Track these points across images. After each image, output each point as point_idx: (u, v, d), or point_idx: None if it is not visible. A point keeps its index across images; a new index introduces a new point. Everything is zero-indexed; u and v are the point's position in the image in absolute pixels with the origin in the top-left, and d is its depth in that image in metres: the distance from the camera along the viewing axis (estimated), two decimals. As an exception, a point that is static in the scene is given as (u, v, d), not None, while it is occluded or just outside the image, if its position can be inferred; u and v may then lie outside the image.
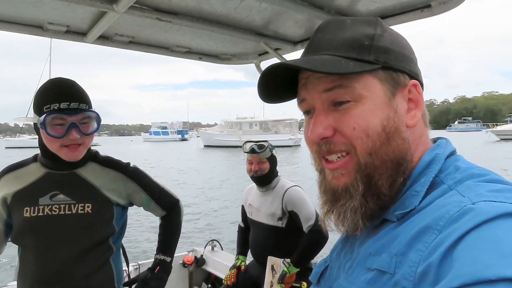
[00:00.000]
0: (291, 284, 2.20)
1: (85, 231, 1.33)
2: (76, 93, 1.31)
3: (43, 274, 1.30)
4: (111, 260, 1.41)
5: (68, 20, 1.57)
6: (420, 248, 0.47)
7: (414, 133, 0.60)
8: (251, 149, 2.40)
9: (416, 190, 0.56)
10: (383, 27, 0.61)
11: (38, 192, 1.34)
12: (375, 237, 0.57)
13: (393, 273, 0.49)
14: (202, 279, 3.21)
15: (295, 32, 1.78)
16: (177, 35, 1.77)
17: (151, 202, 1.55)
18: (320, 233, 2.24)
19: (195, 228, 8.53)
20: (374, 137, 0.56)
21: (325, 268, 0.71)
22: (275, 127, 49.66)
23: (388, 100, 0.57)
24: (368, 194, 0.57)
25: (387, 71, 0.57)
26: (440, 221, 0.48)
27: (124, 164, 1.51)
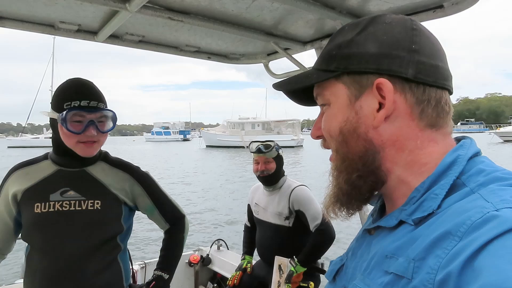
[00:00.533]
0: (298, 284, 2.20)
1: (94, 227, 1.35)
2: (95, 92, 1.36)
3: (52, 270, 1.31)
4: (119, 258, 1.43)
5: (79, 19, 1.58)
6: (440, 255, 0.46)
7: (382, 133, 0.57)
8: (257, 149, 2.40)
9: (435, 193, 0.53)
10: (366, 27, 0.60)
11: (49, 188, 1.36)
12: (392, 238, 0.56)
13: (411, 278, 0.48)
14: (208, 279, 3.21)
15: (305, 32, 1.78)
16: (188, 34, 1.77)
17: (155, 210, 1.55)
18: (327, 232, 2.25)
19: (201, 227, 8.53)
20: (335, 137, 0.62)
21: (341, 266, 0.70)
22: (278, 127, 49.64)
23: (349, 102, 0.59)
24: (345, 186, 0.61)
25: (351, 76, 0.59)
26: (461, 227, 0.46)
27: (133, 167, 1.53)
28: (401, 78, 0.56)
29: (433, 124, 0.57)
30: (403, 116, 0.57)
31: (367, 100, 0.58)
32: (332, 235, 2.26)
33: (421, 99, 0.57)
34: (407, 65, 0.56)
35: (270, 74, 2.23)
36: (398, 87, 0.56)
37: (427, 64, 0.56)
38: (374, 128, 0.58)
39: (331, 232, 2.26)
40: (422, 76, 0.56)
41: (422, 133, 0.57)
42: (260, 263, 2.56)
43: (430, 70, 0.56)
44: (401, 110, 0.57)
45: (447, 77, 0.59)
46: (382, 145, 0.58)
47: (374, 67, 0.57)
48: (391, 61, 0.56)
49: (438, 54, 0.58)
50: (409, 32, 0.57)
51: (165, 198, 1.60)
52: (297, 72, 2.05)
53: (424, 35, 0.58)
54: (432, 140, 0.57)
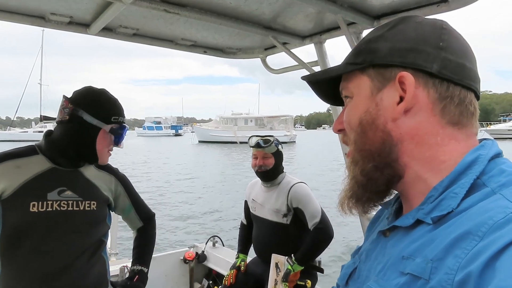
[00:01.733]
0: (295, 283, 2.18)
1: (91, 227, 1.41)
2: (121, 108, 1.50)
3: (46, 270, 1.29)
4: (103, 254, 1.49)
5: (71, 10, 1.52)
6: (459, 255, 0.45)
7: (401, 125, 0.57)
8: (256, 144, 2.36)
9: (455, 192, 0.52)
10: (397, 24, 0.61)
11: (45, 186, 1.33)
12: (409, 239, 0.55)
13: (428, 279, 0.47)
14: (203, 275, 3.18)
15: (305, 26, 1.74)
16: (183, 27, 1.72)
17: (132, 210, 1.65)
18: (325, 231, 2.22)
19: (196, 224, 8.49)
20: (354, 128, 0.62)
21: (354, 269, 0.68)
22: (270, 123, 49.71)
23: (371, 94, 0.60)
24: (360, 178, 0.60)
25: (376, 68, 0.60)
26: (482, 227, 0.45)
27: (114, 169, 1.61)
28: (425, 73, 0.56)
29: (455, 122, 0.56)
30: (425, 111, 0.56)
31: (389, 92, 0.58)
32: (331, 234, 2.24)
33: (444, 96, 0.56)
34: (432, 60, 0.55)
35: (267, 69, 2.19)
36: (421, 82, 0.56)
37: (453, 62, 0.56)
38: (393, 121, 0.57)
39: (330, 231, 2.24)
40: (447, 72, 0.55)
41: (444, 130, 0.56)
42: (256, 260, 2.53)
43: (456, 68, 0.56)
44: (422, 104, 0.56)
45: (474, 78, 0.58)
46: (401, 138, 0.57)
47: (399, 60, 0.57)
48: (417, 56, 0.56)
49: (466, 55, 0.58)
50: (438, 30, 0.58)
51: (139, 198, 1.70)
52: (296, 68, 2.02)
53: (453, 35, 0.58)
54: (454, 138, 0.56)
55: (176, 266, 3.08)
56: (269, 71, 2.20)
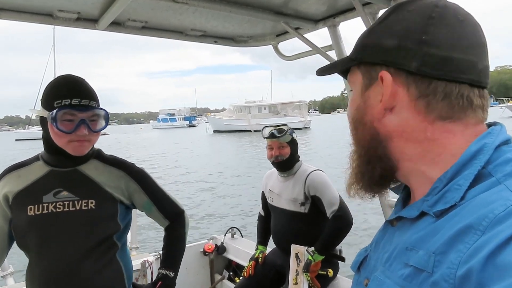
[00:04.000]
0: (317, 272, 2.15)
1: (90, 227, 1.33)
2: (87, 90, 1.31)
3: (50, 273, 1.29)
4: (117, 256, 1.41)
5: (78, 6, 1.50)
6: (461, 249, 0.44)
7: (388, 123, 0.58)
8: (270, 134, 2.31)
9: (459, 184, 0.51)
10: (389, 15, 0.60)
11: (42, 190, 1.34)
12: (414, 230, 0.54)
13: (431, 272, 0.47)
14: (223, 267, 3.19)
15: (317, 10, 1.68)
16: (193, 17, 1.68)
17: (152, 207, 1.52)
18: (344, 218, 2.18)
19: (214, 216, 8.54)
20: (350, 122, 0.65)
21: (365, 257, 0.69)
22: (284, 110, 49.43)
23: (361, 91, 0.62)
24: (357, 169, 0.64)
25: (365, 66, 0.61)
26: (483, 220, 0.44)
27: (128, 164, 1.50)
28: (405, 70, 0.56)
29: (445, 116, 0.55)
30: (408, 109, 0.56)
31: (375, 91, 0.59)
32: (350, 221, 2.19)
33: (425, 93, 0.55)
34: (412, 57, 0.54)
35: (280, 56, 2.13)
36: (401, 80, 0.56)
37: (436, 57, 0.54)
38: (379, 119, 0.59)
39: (349, 217, 2.19)
40: (427, 69, 0.54)
41: (433, 125, 0.55)
42: (276, 251, 2.51)
43: (439, 63, 0.53)
44: (404, 102, 0.56)
45: (466, 69, 0.54)
46: (389, 135, 0.59)
47: (381, 59, 0.58)
48: (397, 53, 0.56)
49: (458, 44, 0.54)
50: (425, 21, 0.55)
51: (162, 194, 1.56)
52: (309, 53, 1.96)
53: (443, 23, 0.54)
54: (447, 131, 0.55)
55: (196, 259, 3.10)
56: (281, 58, 2.14)
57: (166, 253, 1.57)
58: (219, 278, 3.11)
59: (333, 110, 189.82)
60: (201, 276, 3.12)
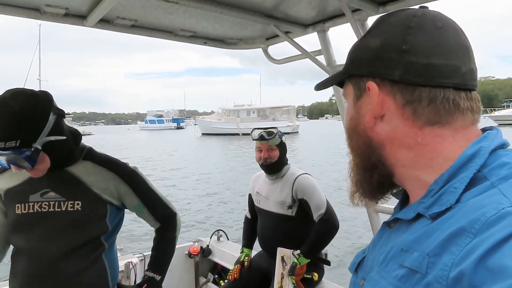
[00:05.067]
0: (302, 276, 2.15)
1: (74, 228, 1.33)
2: (2, 132, 1.14)
3: (33, 271, 1.30)
4: (103, 256, 1.41)
5: (67, 1, 1.47)
6: (454, 252, 0.45)
7: (380, 132, 0.60)
8: (260, 136, 2.31)
9: (454, 187, 0.52)
10: (372, 29, 0.63)
11: (30, 189, 1.35)
12: (409, 232, 0.56)
13: (425, 273, 0.48)
14: (208, 269, 3.17)
15: (307, 14, 1.69)
16: (183, 18, 1.67)
17: (143, 209, 1.49)
18: (330, 222, 2.19)
19: (199, 218, 8.48)
20: (346, 133, 0.68)
21: (363, 258, 0.70)
22: (273, 114, 49.59)
23: (353, 103, 0.65)
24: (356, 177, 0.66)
25: (354, 78, 0.64)
26: (475, 224, 0.45)
27: (119, 164, 1.46)
28: (390, 80, 0.58)
29: (433, 121, 0.56)
30: (396, 116, 0.58)
31: (365, 101, 0.62)
32: (336, 224, 2.21)
33: (410, 100, 0.57)
34: (395, 66, 0.57)
35: (269, 59, 2.14)
36: (387, 89, 0.58)
37: (417, 64, 0.55)
38: (370, 128, 0.61)
39: (335, 221, 2.20)
40: (410, 77, 0.56)
41: (422, 130, 0.57)
42: (261, 253, 2.50)
43: (421, 70, 0.55)
44: (392, 110, 0.58)
45: (448, 73, 0.55)
46: (382, 143, 0.61)
47: (367, 71, 0.61)
48: (380, 64, 0.58)
49: (438, 51, 0.56)
50: (404, 31, 0.57)
51: (154, 195, 1.53)
52: (299, 57, 1.97)
53: (421, 32, 0.56)
54: (437, 136, 0.57)
55: (181, 261, 3.07)
56: (271, 62, 2.14)
57: (154, 255, 1.54)
58: (204, 281, 3.08)
59: (321, 115, 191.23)
60: (186, 279, 3.09)
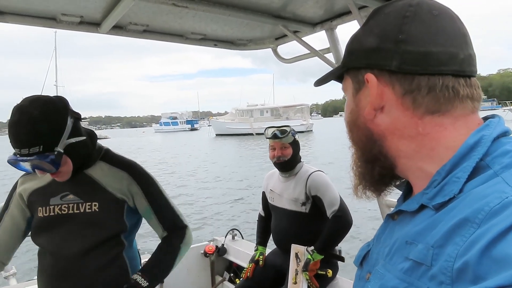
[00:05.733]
0: (316, 272, 2.17)
1: (93, 228, 1.37)
2: (25, 138, 1.20)
3: (55, 269, 1.37)
4: (124, 254, 1.44)
5: (81, 10, 1.53)
6: (458, 242, 0.45)
7: (380, 123, 0.60)
8: (273, 135, 2.34)
9: (457, 176, 0.51)
10: (368, 20, 0.63)
11: (51, 193, 1.40)
12: (413, 224, 0.55)
13: (430, 265, 0.47)
14: (224, 268, 3.21)
15: (315, 13, 1.71)
16: (193, 21, 1.71)
17: (152, 214, 1.46)
18: (344, 218, 2.20)
19: (214, 217, 8.56)
20: (346, 126, 0.68)
21: (368, 251, 0.70)
22: (286, 113, 49.47)
23: (352, 96, 0.64)
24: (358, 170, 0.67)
25: (353, 71, 0.63)
26: (479, 213, 0.44)
27: (132, 165, 1.47)
28: (388, 70, 0.58)
29: (433, 110, 0.56)
30: (396, 107, 0.58)
31: (364, 93, 0.62)
32: (350, 221, 2.22)
33: (409, 89, 0.57)
34: (391, 57, 0.57)
35: (279, 59, 2.16)
36: (385, 80, 0.58)
37: (414, 53, 0.55)
38: (371, 120, 0.61)
39: (348, 218, 2.22)
40: (407, 66, 0.56)
41: (422, 120, 0.57)
42: (276, 251, 2.53)
43: (418, 59, 0.55)
44: (392, 101, 0.58)
45: (446, 61, 0.55)
46: (383, 135, 0.60)
47: (365, 63, 0.60)
48: (377, 55, 0.58)
49: (434, 38, 0.55)
50: (400, 20, 0.57)
51: (165, 202, 1.48)
52: (308, 56, 1.99)
53: (417, 20, 0.56)
54: (437, 125, 0.56)
55: (197, 260, 3.12)
56: (280, 61, 2.17)
57: (151, 260, 1.43)
58: (220, 280, 3.13)
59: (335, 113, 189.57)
60: (202, 278, 3.14)
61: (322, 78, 0.73)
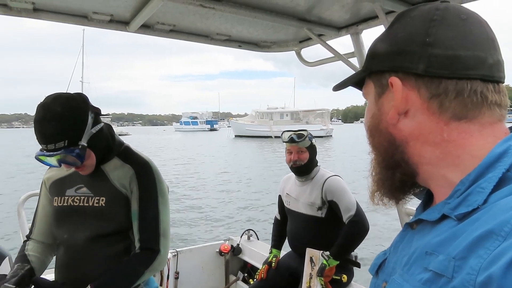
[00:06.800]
0: (331, 277, 2.15)
1: (99, 222, 1.39)
2: (50, 133, 1.25)
3: (65, 261, 1.42)
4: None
5: (112, 9, 1.58)
6: (481, 255, 0.43)
7: (403, 128, 0.59)
8: (290, 139, 2.34)
9: (482, 187, 0.49)
10: (393, 24, 0.62)
11: (67, 184, 1.46)
12: (434, 233, 0.53)
13: (451, 277, 0.46)
14: (238, 268, 3.22)
15: (340, 17, 1.71)
16: (219, 22, 1.74)
17: (136, 220, 1.40)
18: (360, 224, 2.18)
19: (230, 217, 8.60)
20: (367, 131, 0.66)
21: (384, 260, 0.68)
22: (306, 117, 49.30)
23: (374, 100, 0.63)
24: (377, 176, 0.65)
25: (375, 75, 0.62)
26: (505, 226, 0.42)
27: (142, 163, 1.46)
28: (414, 74, 0.56)
29: (460, 116, 0.54)
30: (421, 111, 0.56)
31: (387, 97, 0.60)
32: (366, 227, 2.19)
33: (436, 93, 0.55)
34: (418, 60, 0.55)
35: (302, 62, 2.17)
36: (411, 83, 0.57)
37: (442, 56, 0.54)
38: (393, 125, 0.59)
39: (365, 224, 2.19)
40: (435, 69, 0.54)
41: (448, 126, 0.55)
42: (291, 254, 2.52)
43: (446, 62, 0.54)
44: (417, 105, 0.57)
45: (474, 65, 0.53)
46: (405, 140, 0.59)
47: (389, 66, 0.59)
48: (403, 58, 0.57)
49: (462, 42, 0.54)
50: (427, 24, 0.56)
51: (154, 215, 1.41)
52: (332, 60, 1.98)
53: (445, 24, 0.55)
54: (464, 131, 0.54)
55: (212, 258, 3.14)
56: (304, 64, 2.17)
57: (110, 275, 1.33)
58: (234, 279, 3.14)
59: (356, 119, 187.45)
60: (216, 276, 3.16)
61: (342, 83, 0.72)
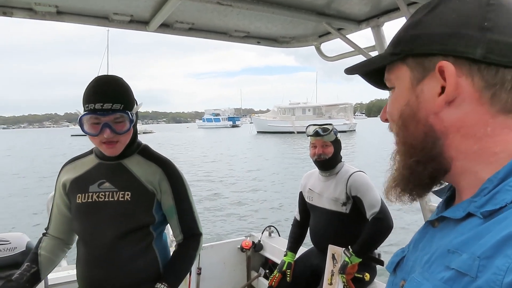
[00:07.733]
0: (353, 275, 2.12)
1: (124, 217, 1.41)
2: (111, 93, 1.33)
3: (89, 257, 1.43)
4: (154, 245, 1.47)
5: (131, 9, 1.60)
6: (509, 255, 0.41)
7: (445, 118, 0.54)
8: (315, 132, 2.32)
9: (511, 185, 0.48)
10: (437, 6, 0.55)
11: (89, 180, 1.46)
12: (457, 232, 0.51)
13: (475, 277, 0.44)
14: (259, 264, 3.23)
15: (360, 10, 1.67)
16: (237, 19, 1.74)
17: (174, 215, 1.49)
18: (384, 221, 2.14)
19: (252, 213, 8.64)
20: (395, 121, 0.60)
21: (402, 258, 0.66)
22: (329, 112, 48.79)
23: (410, 86, 0.57)
24: (403, 171, 0.59)
25: (416, 58, 0.56)
26: None
27: (167, 162, 1.51)
28: (468, 59, 0.51)
29: (509, 109, 0.51)
30: (470, 101, 0.52)
31: (430, 83, 0.55)
32: (390, 224, 2.15)
33: (492, 82, 0.50)
34: (476, 44, 0.50)
35: (322, 56, 2.14)
36: (464, 70, 0.52)
37: (502, 43, 0.50)
38: (435, 113, 0.54)
39: (389, 221, 2.15)
40: (494, 56, 0.50)
41: (494, 119, 0.51)
42: (312, 250, 2.51)
43: (506, 49, 0.49)
44: (467, 94, 0.52)
45: None
46: (445, 131, 0.54)
47: (439, 48, 0.53)
48: (457, 41, 0.51)
49: None
50: (483, 8, 0.52)
51: (189, 206, 1.53)
52: (352, 54, 1.95)
53: (503, 9, 0.51)
54: (507, 127, 0.51)
55: (234, 254, 3.17)
56: (324, 59, 2.14)
57: (171, 269, 1.48)
58: (255, 275, 3.16)
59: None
60: (238, 272, 3.18)
61: (358, 66, 0.66)
